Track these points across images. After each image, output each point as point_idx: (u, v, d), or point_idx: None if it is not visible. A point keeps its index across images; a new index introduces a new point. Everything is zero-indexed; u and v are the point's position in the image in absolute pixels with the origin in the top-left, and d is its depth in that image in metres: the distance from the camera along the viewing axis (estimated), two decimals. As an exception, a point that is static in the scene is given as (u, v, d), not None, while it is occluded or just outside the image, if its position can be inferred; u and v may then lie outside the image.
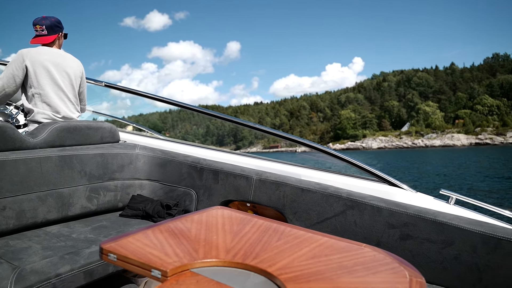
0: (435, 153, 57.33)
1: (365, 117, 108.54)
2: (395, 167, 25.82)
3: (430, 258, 1.51)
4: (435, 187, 14.92)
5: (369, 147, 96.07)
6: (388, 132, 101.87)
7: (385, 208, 1.60)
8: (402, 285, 0.55)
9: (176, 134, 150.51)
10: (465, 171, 22.12)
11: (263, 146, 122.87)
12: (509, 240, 1.38)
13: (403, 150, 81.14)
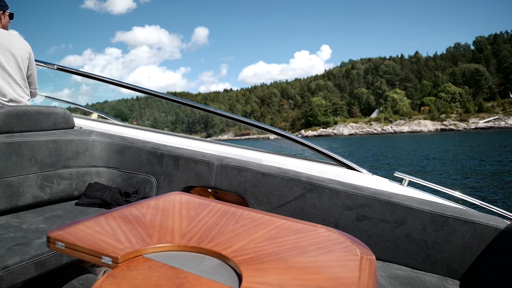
0: (405, 139, 59.17)
1: (336, 104, 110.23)
2: (383, 155, 26.21)
3: (384, 237, 1.59)
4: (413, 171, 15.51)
5: (341, 134, 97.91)
6: (358, 119, 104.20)
7: (342, 190, 1.66)
8: (353, 262, 0.58)
9: (144, 122, 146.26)
10: (431, 155, 23.02)
11: (234, 134, 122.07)
12: (455, 218, 1.50)
13: (373, 136, 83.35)
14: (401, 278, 1.44)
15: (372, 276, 0.55)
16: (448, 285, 1.44)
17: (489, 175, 13.34)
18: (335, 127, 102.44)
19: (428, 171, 15.24)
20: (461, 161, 18.33)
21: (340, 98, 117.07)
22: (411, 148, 31.81)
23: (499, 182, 11.75)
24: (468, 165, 16.83)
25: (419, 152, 26.26)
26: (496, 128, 79.79)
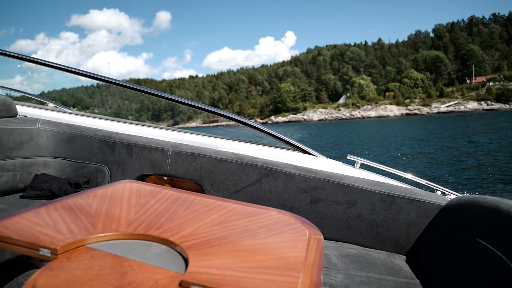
0: (371, 123, 60.83)
1: (304, 90, 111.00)
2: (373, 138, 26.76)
3: (336, 218, 1.66)
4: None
5: (310, 119, 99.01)
6: (327, 105, 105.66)
7: (297, 174, 1.70)
8: (301, 242, 0.59)
9: (107, 110, 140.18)
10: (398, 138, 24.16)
11: (202, 121, 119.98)
12: (401, 197, 1.58)
13: (342, 122, 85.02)
14: (352, 256, 1.51)
15: (318, 255, 0.56)
16: (395, 261, 1.52)
17: (438, 157, 14.19)
18: (304, 113, 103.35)
19: (387, 155, 15.90)
20: (418, 145, 19.18)
21: (307, 84, 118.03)
22: (376, 133, 32.90)
23: (447, 162, 12.59)
24: (424, 148, 17.56)
25: (384, 137, 27.09)
26: (456, 112, 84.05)
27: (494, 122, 35.48)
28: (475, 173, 10.31)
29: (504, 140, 17.18)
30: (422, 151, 16.58)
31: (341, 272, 1.38)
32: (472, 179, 9.57)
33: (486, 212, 1.23)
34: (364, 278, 1.35)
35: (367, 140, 25.48)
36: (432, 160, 13.52)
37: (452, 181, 9.48)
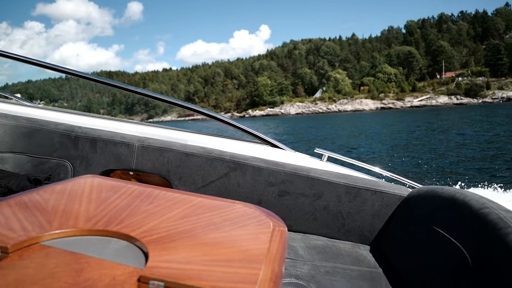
0: (348, 117, 61.81)
1: (281, 84, 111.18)
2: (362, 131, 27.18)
3: (304, 211, 1.68)
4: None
5: (288, 113, 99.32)
6: (304, 98, 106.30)
7: (265, 168, 1.72)
8: (264, 234, 0.60)
9: (77, 104, 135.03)
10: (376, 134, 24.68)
11: (178, 115, 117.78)
12: (366, 189, 1.63)
13: (319, 115, 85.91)
14: (318, 247, 1.55)
15: (281, 246, 0.57)
16: (360, 251, 1.57)
17: (404, 149, 14.93)
18: (282, 107, 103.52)
19: (360, 149, 16.43)
20: (388, 138, 20.04)
21: (284, 78, 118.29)
22: (352, 126, 33.78)
23: (410, 155, 13.30)
24: (393, 142, 18.41)
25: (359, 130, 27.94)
26: (429, 106, 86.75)
27: (461, 117, 36.89)
28: (439, 165, 10.83)
29: (465, 135, 18.03)
30: (391, 144, 17.26)
31: (307, 263, 1.41)
32: (435, 171, 10.04)
33: (443, 202, 1.29)
34: (329, 268, 1.39)
35: (341, 134, 26.13)
36: (398, 153, 14.10)
37: (416, 172, 9.99)
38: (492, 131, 19.55)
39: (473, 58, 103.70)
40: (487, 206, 1.10)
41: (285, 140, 22.89)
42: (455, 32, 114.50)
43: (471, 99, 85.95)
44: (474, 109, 54.52)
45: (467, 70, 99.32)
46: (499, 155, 11.78)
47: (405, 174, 8.97)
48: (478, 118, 31.39)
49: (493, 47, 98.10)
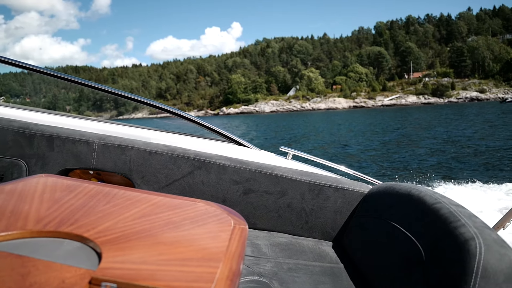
0: (321, 115, 62.81)
1: (255, 82, 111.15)
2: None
3: (268, 208, 1.69)
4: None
5: (262, 111, 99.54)
6: (278, 96, 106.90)
7: (229, 166, 1.71)
8: (224, 233, 0.59)
9: (40, 100, 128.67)
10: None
11: (149, 112, 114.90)
12: (328, 186, 1.66)
13: (293, 113, 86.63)
14: (282, 245, 1.58)
15: (240, 244, 0.57)
16: (322, 247, 1.61)
17: (367, 148, 15.52)
18: (256, 105, 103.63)
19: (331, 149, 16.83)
20: (354, 138, 20.59)
21: (257, 75, 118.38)
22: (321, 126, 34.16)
23: (375, 154, 13.84)
24: (358, 140, 19.16)
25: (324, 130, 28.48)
26: (399, 105, 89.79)
27: (431, 116, 38.33)
28: (401, 162, 11.39)
29: (427, 135, 18.76)
30: (359, 142, 17.88)
31: (270, 260, 1.43)
32: (396, 168, 10.56)
33: (400, 198, 1.34)
34: (292, 265, 1.41)
35: (314, 132, 26.65)
36: (363, 151, 14.73)
37: (380, 169, 10.50)
38: (457, 130, 20.55)
39: (439, 60, 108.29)
40: (440, 201, 1.15)
41: (259, 138, 23.12)
42: (421, 34, 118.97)
43: (438, 98, 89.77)
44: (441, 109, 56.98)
45: (433, 71, 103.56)
46: (461, 153, 12.47)
47: (369, 172, 9.85)
48: (443, 118, 32.90)
49: (457, 49, 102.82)
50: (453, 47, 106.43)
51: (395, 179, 8.59)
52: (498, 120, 25.79)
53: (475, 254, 0.89)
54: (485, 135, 17.39)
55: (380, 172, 10.06)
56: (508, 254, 0.89)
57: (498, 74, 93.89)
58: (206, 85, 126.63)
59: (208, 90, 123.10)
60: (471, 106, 61.76)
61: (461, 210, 1.07)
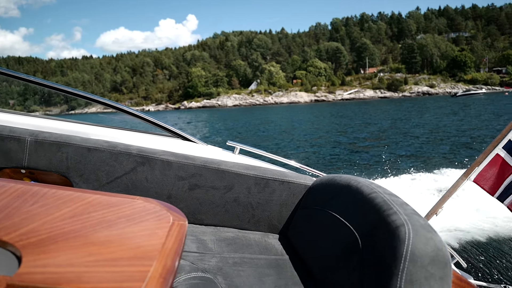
0: (283, 109, 63.69)
1: (216, 75, 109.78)
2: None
3: (215, 203, 1.68)
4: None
5: (225, 105, 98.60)
6: (240, 90, 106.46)
7: (174, 161, 1.67)
8: (162, 230, 0.57)
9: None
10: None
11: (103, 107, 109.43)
12: (274, 179, 1.68)
13: (256, 107, 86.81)
14: (228, 239, 1.58)
15: (178, 241, 0.56)
16: (268, 240, 1.63)
17: (322, 140, 16.27)
18: (219, 99, 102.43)
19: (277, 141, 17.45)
20: (306, 131, 21.42)
21: (217, 69, 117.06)
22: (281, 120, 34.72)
23: (327, 145, 14.60)
24: (314, 133, 19.99)
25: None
26: (357, 99, 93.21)
27: (384, 110, 40.55)
28: (345, 155, 12.10)
29: (373, 129, 19.93)
30: (313, 135, 18.61)
31: (215, 256, 1.43)
32: (342, 160, 11.23)
33: (341, 189, 1.39)
34: (238, 259, 1.42)
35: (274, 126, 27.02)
36: (311, 144, 15.23)
37: (324, 162, 11.02)
38: (403, 123, 21.85)
39: (391, 56, 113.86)
40: (375, 190, 1.20)
41: (221, 133, 23.20)
42: (375, 31, 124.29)
43: (393, 93, 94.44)
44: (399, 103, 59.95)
45: (386, 67, 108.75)
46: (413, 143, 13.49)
47: (319, 164, 10.51)
48: (403, 111, 34.85)
49: (408, 46, 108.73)
50: (404, 44, 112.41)
51: (340, 172, 8.98)
52: (454, 111, 28.08)
53: (404, 240, 0.94)
54: (434, 126, 18.83)
55: (329, 165, 10.52)
56: (434, 238, 0.95)
57: (445, 70, 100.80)
58: (164, 78, 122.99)
59: (166, 84, 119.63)
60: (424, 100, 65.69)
61: (394, 199, 1.13)
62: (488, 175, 2.29)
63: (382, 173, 8.11)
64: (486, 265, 3.57)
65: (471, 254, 3.78)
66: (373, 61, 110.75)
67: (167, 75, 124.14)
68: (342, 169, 9.49)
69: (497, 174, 2.27)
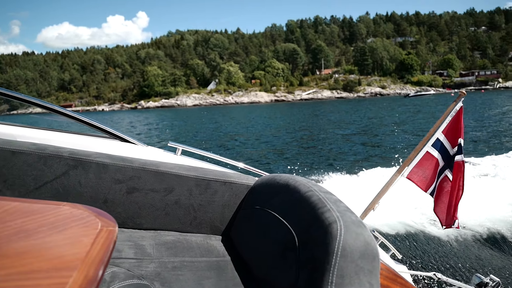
0: (244, 108, 64.14)
1: (174, 75, 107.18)
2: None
3: (154, 207, 1.62)
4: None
5: (184, 105, 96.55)
6: (200, 90, 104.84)
7: (111, 164, 1.59)
8: (88, 237, 0.53)
9: None
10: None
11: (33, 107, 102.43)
12: (216, 180, 1.65)
13: (216, 107, 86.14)
14: (169, 243, 1.53)
15: (104, 248, 0.52)
16: (211, 241, 1.60)
17: (270, 141, 16.57)
18: (178, 98, 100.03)
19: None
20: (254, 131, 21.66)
21: (173, 68, 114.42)
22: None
23: (267, 145, 14.94)
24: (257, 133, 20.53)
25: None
26: (316, 99, 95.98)
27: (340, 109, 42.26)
28: (294, 154, 12.42)
29: (320, 129, 20.43)
30: (261, 136, 18.68)
31: (154, 261, 1.38)
32: (289, 159, 11.46)
33: (280, 188, 1.39)
34: (177, 263, 1.38)
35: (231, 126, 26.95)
36: (263, 143, 15.66)
37: (269, 162, 11.24)
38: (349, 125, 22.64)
39: (344, 58, 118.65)
40: (311, 189, 1.21)
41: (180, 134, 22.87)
42: (328, 34, 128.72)
43: (349, 93, 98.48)
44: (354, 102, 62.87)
45: (340, 68, 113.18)
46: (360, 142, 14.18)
47: (264, 164, 10.71)
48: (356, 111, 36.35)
49: (360, 49, 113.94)
50: (356, 47, 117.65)
51: (283, 171, 9.08)
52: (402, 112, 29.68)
53: (336, 236, 0.97)
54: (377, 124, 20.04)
55: (276, 164, 10.72)
56: (363, 234, 0.98)
57: (394, 72, 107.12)
58: (117, 77, 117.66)
59: (119, 83, 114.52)
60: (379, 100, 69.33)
61: (328, 197, 1.15)
62: (420, 171, 2.39)
63: (332, 170, 8.27)
64: (421, 256, 3.89)
65: (407, 246, 4.08)
66: (328, 62, 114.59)
67: (120, 73, 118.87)
68: (288, 168, 9.58)
69: (429, 171, 2.39)
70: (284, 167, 10.01)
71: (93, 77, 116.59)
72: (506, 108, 28.09)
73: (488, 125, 17.20)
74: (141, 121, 40.58)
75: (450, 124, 2.36)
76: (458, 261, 3.79)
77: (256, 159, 11.75)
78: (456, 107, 2.37)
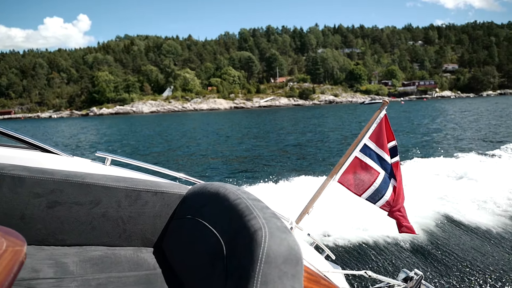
0: (203, 116, 63.94)
1: (127, 81, 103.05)
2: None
3: (79, 221, 1.52)
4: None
5: (141, 111, 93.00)
6: (156, 96, 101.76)
7: (28, 177, 1.47)
8: None
9: None
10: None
11: None
12: (146, 191, 1.59)
13: (174, 114, 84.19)
14: (95, 259, 1.44)
15: (7, 270, 0.49)
16: (141, 254, 1.54)
17: (214, 148, 16.87)
18: (133, 105, 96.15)
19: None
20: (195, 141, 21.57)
21: (124, 73, 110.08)
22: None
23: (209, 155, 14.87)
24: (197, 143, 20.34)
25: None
26: (273, 106, 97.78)
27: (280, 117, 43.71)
28: (230, 163, 12.52)
29: (264, 139, 20.49)
30: (210, 144, 18.74)
31: (76, 279, 1.29)
32: (228, 168, 11.44)
33: (211, 197, 1.37)
34: (103, 280, 1.31)
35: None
36: (209, 152, 15.59)
37: (203, 170, 11.27)
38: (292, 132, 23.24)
39: (297, 67, 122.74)
40: (240, 196, 1.21)
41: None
42: (281, 43, 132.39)
43: (305, 101, 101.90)
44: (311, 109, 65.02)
45: (294, 77, 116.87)
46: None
47: (201, 172, 10.61)
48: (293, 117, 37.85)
49: (312, 59, 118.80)
50: (308, 57, 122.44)
51: (220, 179, 9.02)
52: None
53: (260, 243, 0.97)
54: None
55: (213, 172, 10.59)
56: (287, 239, 1.00)
57: (344, 81, 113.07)
58: (62, 82, 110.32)
59: (65, 88, 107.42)
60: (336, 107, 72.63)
61: (256, 204, 1.15)
62: (350, 176, 2.43)
63: (273, 177, 8.34)
64: (355, 256, 4.17)
65: (342, 247, 4.36)
66: (282, 71, 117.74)
67: (65, 78, 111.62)
68: (224, 176, 9.45)
69: (364, 176, 2.42)
70: (221, 174, 9.83)
71: (34, 82, 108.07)
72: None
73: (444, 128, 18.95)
74: (86, 127, 38.41)
75: (376, 131, 2.44)
76: (388, 259, 4.08)
77: (195, 166, 11.45)
78: (381, 114, 2.44)
